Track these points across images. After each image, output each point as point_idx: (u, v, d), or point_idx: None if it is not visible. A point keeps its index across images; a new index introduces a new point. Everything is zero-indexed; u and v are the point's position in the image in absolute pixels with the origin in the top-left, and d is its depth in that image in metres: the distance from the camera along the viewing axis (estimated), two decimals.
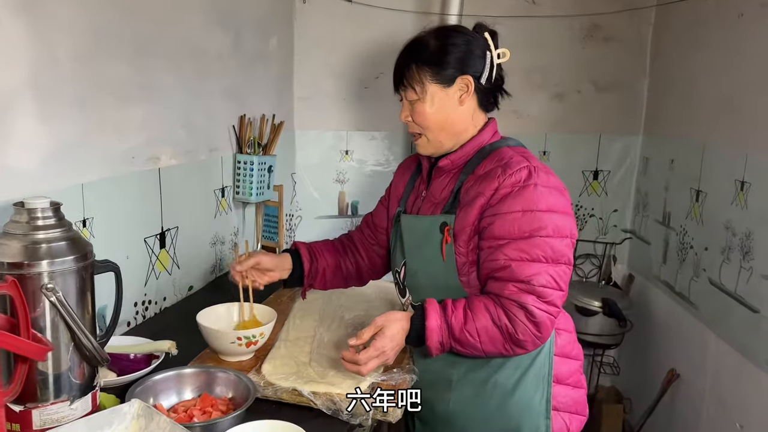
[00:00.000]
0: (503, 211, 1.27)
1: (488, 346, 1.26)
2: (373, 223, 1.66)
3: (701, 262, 2.38)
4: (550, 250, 1.25)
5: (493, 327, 1.25)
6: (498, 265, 1.27)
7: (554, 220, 1.26)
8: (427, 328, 1.26)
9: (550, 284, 1.25)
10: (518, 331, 1.24)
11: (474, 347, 1.27)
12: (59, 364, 1.11)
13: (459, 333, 1.26)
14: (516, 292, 1.24)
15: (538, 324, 1.24)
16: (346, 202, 2.85)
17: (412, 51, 1.38)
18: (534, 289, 1.24)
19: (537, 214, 1.26)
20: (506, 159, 1.32)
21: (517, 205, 1.26)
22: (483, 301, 1.27)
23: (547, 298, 1.24)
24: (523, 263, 1.25)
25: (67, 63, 1.40)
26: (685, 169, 2.56)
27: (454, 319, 1.26)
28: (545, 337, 1.27)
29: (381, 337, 1.26)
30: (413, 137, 1.44)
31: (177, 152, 1.85)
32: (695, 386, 2.40)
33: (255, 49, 2.30)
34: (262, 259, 1.54)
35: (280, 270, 1.57)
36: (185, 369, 1.29)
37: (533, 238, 1.25)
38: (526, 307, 1.23)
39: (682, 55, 2.61)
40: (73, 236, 1.12)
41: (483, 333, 1.25)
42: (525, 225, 1.26)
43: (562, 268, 1.27)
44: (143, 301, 1.74)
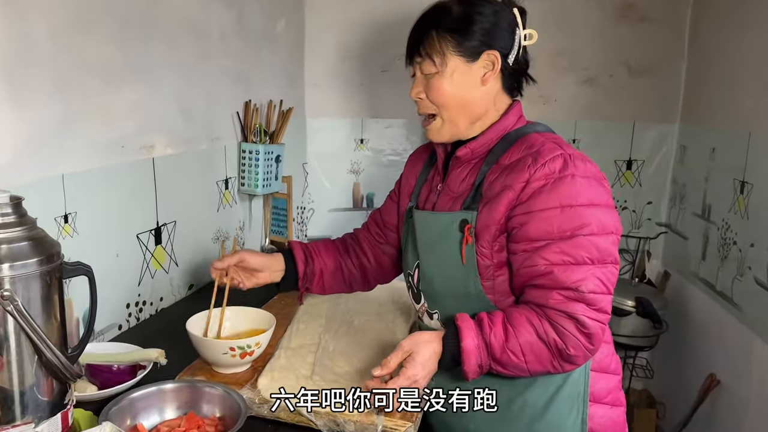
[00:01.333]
0: (538, 207, 1.10)
1: (534, 365, 1.10)
2: (381, 220, 1.49)
3: (746, 260, 2.18)
4: (596, 249, 1.08)
5: (539, 343, 1.08)
6: (538, 272, 1.10)
7: (597, 215, 1.09)
8: (463, 350, 1.08)
9: (599, 289, 1.08)
10: (569, 346, 1.07)
11: (518, 367, 1.10)
12: (23, 381, 0.98)
13: (500, 353, 1.09)
14: (563, 301, 1.07)
15: (591, 336, 1.07)
16: (360, 194, 2.70)
17: (433, 17, 1.20)
18: (583, 297, 1.07)
19: (577, 210, 1.08)
20: (537, 146, 1.15)
21: (554, 200, 1.09)
22: (524, 314, 1.10)
23: (598, 305, 1.07)
24: (567, 267, 1.08)
25: (45, 41, 1.26)
26: (728, 158, 2.35)
27: (494, 336, 1.09)
28: (596, 349, 1.10)
29: (411, 364, 1.09)
30: (423, 120, 1.26)
31: (174, 140, 1.71)
32: (738, 394, 2.21)
33: (261, 29, 2.15)
34: (247, 257, 1.38)
35: (270, 271, 1.41)
36: (167, 384, 1.15)
37: (576, 238, 1.08)
38: (576, 317, 1.07)
39: (725, 37, 2.40)
40: (36, 235, 0.99)
41: (528, 351, 1.08)
42: (565, 223, 1.08)
43: (609, 268, 1.10)
44: (136, 302, 1.61)
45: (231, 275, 1.37)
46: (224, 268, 1.37)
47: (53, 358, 0.98)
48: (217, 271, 1.37)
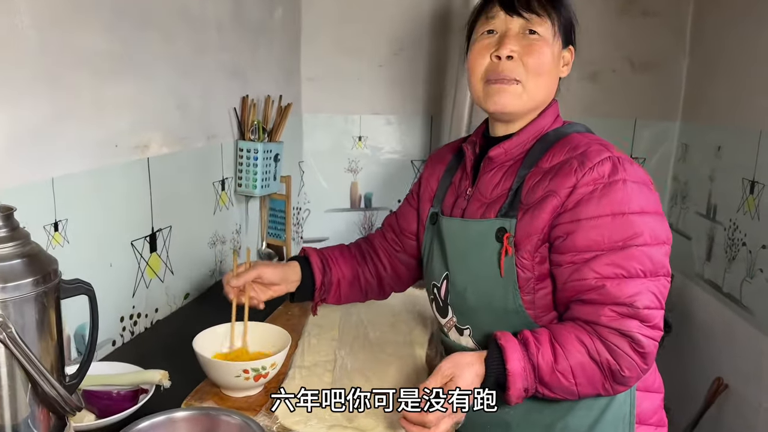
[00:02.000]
0: (586, 215, 1.01)
1: (585, 387, 1.01)
2: (398, 226, 1.39)
3: (757, 262, 2.13)
4: (649, 261, 1.00)
5: (591, 364, 0.99)
6: (587, 285, 1.01)
7: (649, 223, 1.01)
8: (509, 373, 0.99)
9: (653, 304, 0.99)
10: (623, 367, 0.98)
11: (567, 390, 1.01)
12: (16, 414, 0.86)
13: (549, 376, 0.99)
14: (616, 318, 0.99)
15: (646, 355, 0.99)
16: (358, 194, 2.61)
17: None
18: (638, 313, 0.98)
19: (629, 218, 1.00)
20: (582, 148, 1.06)
21: (604, 207, 1.01)
22: (573, 332, 1.01)
23: (652, 321, 0.99)
24: (620, 281, 0.99)
25: (31, 33, 1.13)
26: (736, 157, 2.30)
27: (541, 357, 0.99)
28: (649, 369, 1.02)
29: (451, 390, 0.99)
30: (497, 81, 1.10)
31: (169, 139, 1.59)
32: (747, 399, 2.17)
33: (258, 21, 2.03)
34: (265, 271, 1.27)
35: (286, 283, 1.31)
36: (178, 412, 1.03)
37: (628, 249, 0.99)
38: (630, 335, 0.98)
39: (730, 33, 2.35)
40: (31, 251, 0.86)
41: (579, 373, 0.99)
42: (616, 232, 1.00)
43: (662, 281, 1.01)
44: (131, 314, 1.49)
45: (249, 294, 1.25)
46: (240, 286, 1.25)
47: (50, 390, 0.87)
48: (234, 290, 1.25)
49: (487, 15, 1.14)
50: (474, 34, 1.17)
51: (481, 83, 1.13)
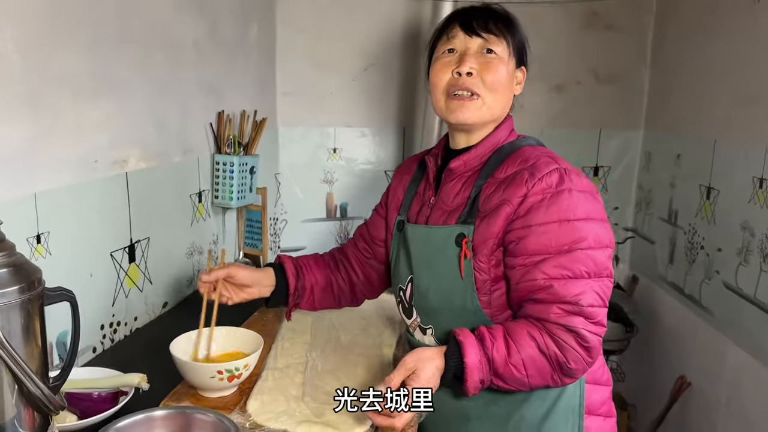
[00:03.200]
0: (536, 222, 1.10)
1: (535, 379, 1.09)
2: (368, 235, 1.46)
3: (714, 264, 2.23)
4: (593, 263, 1.09)
5: (541, 357, 1.08)
6: (537, 286, 1.09)
7: (594, 228, 1.10)
8: (466, 366, 1.07)
9: (597, 302, 1.08)
10: (569, 360, 1.07)
11: (519, 382, 1.09)
12: (3, 414, 0.92)
13: (503, 368, 1.08)
14: (563, 315, 1.07)
15: (590, 349, 1.08)
16: (334, 204, 2.67)
17: (513, 17, 1.26)
18: (583, 311, 1.07)
19: (575, 224, 1.09)
20: (532, 160, 1.15)
21: (552, 214, 1.09)
22: (525, 328, 1.09)
23: (596, 318, 1.08)
24: (566, 281, 1.08)
25: (13, 55, 1.19)
26: (693, 164, 2.41)
27: (496, 351, 1.07)
28: (594, 362, 1.10)
29: (416, 381, 1.06)
30: (457, 97, 1.20)
31: (147, 154, 1.65)
32: (709, 395, 2.26)
33: (233, 38, 2.10)
34: (237, 272, 1.33)
35: (259, 286, 1.37)
36: (156, 411, 1.09)
37: (573, 252, 1.08)
38: (576, 330, 1.07)
39: (689, 45, 2.46)
40: (16, 261, 0.93)
41: (530, 365, 1.08)
42: (563, 237, 1.09)
43: (605, 281, 1.11)
44: (111, 323, 1.54)
45: (219, 291, 1.32)
46: (212, 282, 1.32)
47: (36, 391, 0.93)
48: (205, 285, 1.32)
49: (448, 35, 1.24)
50: (436, 52, 1.26)
51: (444, 97, 1.22)
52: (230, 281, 1.34)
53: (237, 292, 1.35)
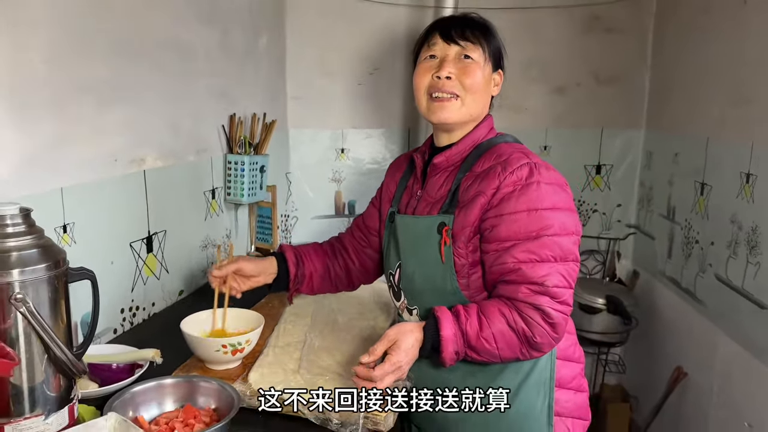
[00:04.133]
0: (507, 211, 1.22)
1: (505, 351, 1.21)
2: (364, 225, 1.59)
3: (707, 257, 2.31)
4: (558, 248, 1.20)
5: (510, 331, 1.19)
6: (507, 268, 1.21)
7: (560, 217, 1.21)
8: (442, 338, 1.19)
9: (562, 283, 1.19)
10: (536, 334, 1.19)
11: (491, 354, 1.21)
12: (33, 377, 1.06)
13: (475, 341, 1.20)
14: (530, 294, 1.19)
15: (555, 325, 1.19)
16: (342, 202, 2.80)
17: (489, 24, 1.37)
18: (547, 290, 1.19)
19: (542, 213, 1.20)
20: (505, 156, 1.27)
21: (522, 204, 1.21)
22: (496, 305, 1.21)
23: (561, 297, 1.19)
24: (533, 264, 1.19)
25: (41, 64, 1.34)
26: (689, 162, 2.49)
27: (469, 326, 1.19)
28: (560, 338, 1.22)
29: (396, 351, 1.18)
30: (438, 99, 1.32)
31: (163, 154, 1.80)
32: (703, 385, 2.33)
33: (244, 47, 2.24)
34: (244, 265, 1.48)
35: (264, 275, 1.51)
36: (166, 379, 1.23)
37: (541, 238, 1.20)
38: (542, 308, 1.18)
39: (686, 46, 2.54)
40: (44, 243, 1.07)
41: (500, 338, 1.19)
42: (531, 225, 1.20)
43: (571, 265, 1.22)
44: (130, 307, 1.69)
45: (229, 284, 1.46)
46: (222, 276, 1.46)
47: (62, 356, 1.07)
48: (216, 279, 1.46)
49: (429, 43, 1.36)
50: (419, 58, 1.39)
51: (425, 98, 1.35)
52: (238, 273, 1.48)
53: (245, 282, 1.49)
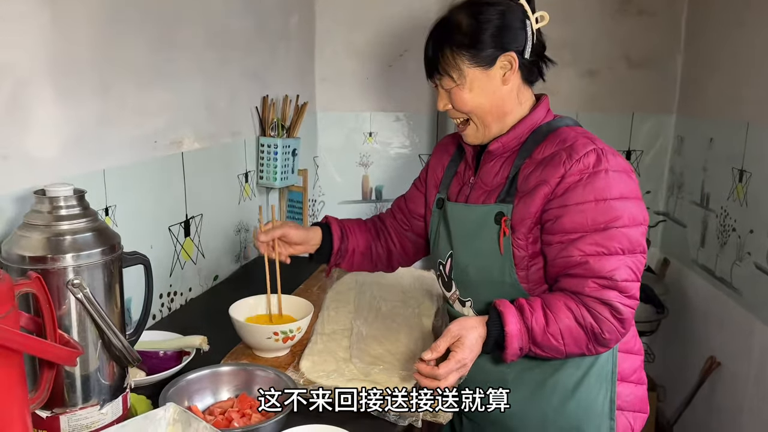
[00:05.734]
0: (573, 201, 1.16)
1: (571, 347, 1.16)
2: (407, 208, 1.54)
3: (746, 246, 2.26)
4: (627, 240, 1.15)
5: (578, 327, 1.15)
6: (573, 261, 1.16)
7: (628, 207, 1.15)
8: (507, 334, 1.14)
9: (630, 277, 1.14)
10: (605, 330, 1.14)
11: (556, 350, 1.17)
12: (87, 366, 1.03)
13: (541, 337, 1.15)
14: (598, 289, 1.14)
15: (623, 321, 1.15)
16: (369, 187, 2.75)
17: (443, 33, 1.24)
18: (616, 285, 1.14)
19: (610, 203, 1.15)
20: (570, 141, 1.20)
21: (589, 194, 1.15)
22: (562, 300, 1.16)
23: (629, 291, 1.14)
24: (601, 258, 1.14)
25: (86, 45, 1.31)
26: (726, 148, 2.44)
27: (535, 321, 1.15)
28: (627, 332, 1.18)
29: (460, 348, 1.14)
30: (458, 127, 1.31)
31: (200, 136, 1.76)
32: (738, 375, 2.30)
33: (276, 29, 2.20)
34: (290, 231, 1.41)
35: (307, 245, 1.45)
36: (221, 367, 1.20)
37: (609, 230, 1.14)
38: (611, 303, 1.13)
39: (722, 31, 2.47)
40: (99, 227, 1.04)
41: (567, 334, 1.15)
42: (599, 216, 1.15)
43: (639, 257, 1.16)
44: (168, 292, 1.66)
45: (278, 250, 1.40)
46: (270, 241, 1.40)
47: (117, 343, 1.03)
48: (263, 245, 1.40)
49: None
50: None
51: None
52: (283, 239, 1.42)
53: (287, 249, 1.43)
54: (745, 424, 2.23)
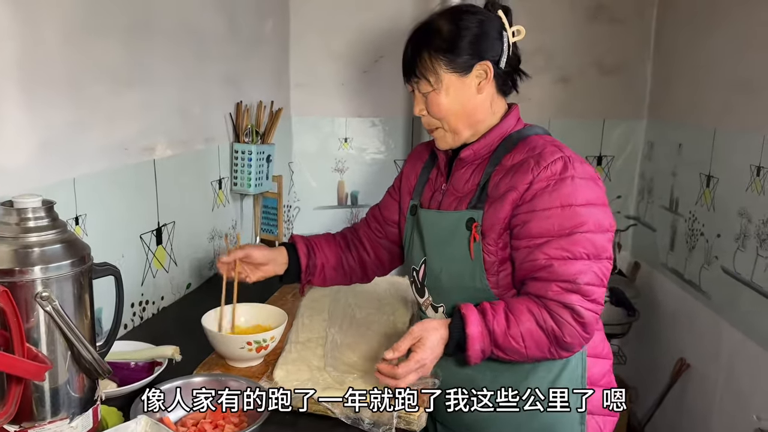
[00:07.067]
0: (540, 207, 1.18)
1: (533, 350, 1.18)
2: (381, 216, 1.55)
3: (713, 250, 2.32)
4: (592, 246, 1.17)
5: (538, 330, 1.17)
6: (539, 265, 1.18)
7: (594, 213, 1.18)
8: (468, 336, 1.16)
9: (594, 281, 1.17)
10: (565, 334, 1.16)
11: (518, 353, 1.18)
12: (56, 379, 1.01)
13: (502, 339, 1.17)
14: (561, 292, 1.16)
15: (585, 324, 1.17)
16: (345, 192, 2.75)
17: (422, 38, 1.26)
18: (579, 288, 1.16)
19: (576, 209, 1.17)
20: (539, 149, 1.23)
21: (555, 200, 1.18)
22: (525, 303, 1.18)
23: (592, 296, 1.17)
24: (566, 261, 1.16)
25: (55, 46, 1.28)
26: (694, 153, 2.49)
27: (496, 324, 1.17)
28: (590, 337, 1.19)
29: (421, 348, 1.16)
30: (429, 131, 1.33)
31: (172, 142, 1.74)
32: (707, 376, 2.35)
33: (251, 32, 2.18)
34: (253, 252, 1.42)
35: (274, 264, 1.46)
36: (193, 378, 1.19)
37: (574, 235, 1.17)
38: (572, 307, 1.15)
39: (690, 37, 2.53)
40: (68, 238, 1.02)
41: (528, 337, 1.17)
42: (565, 221, 1.17)
43: (604, 263, 1.19)
44: (140, 301, 1.64)
45: (238, 269, 1.40)
46: (231, 262, 1.41)
47: (87, 355, 1.02)
48: (225, 266, 1.41)
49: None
50: None
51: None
52: (247, 261, 1.43)
53: (254, 271, 1.44)
54: (714, 425, 2.28)
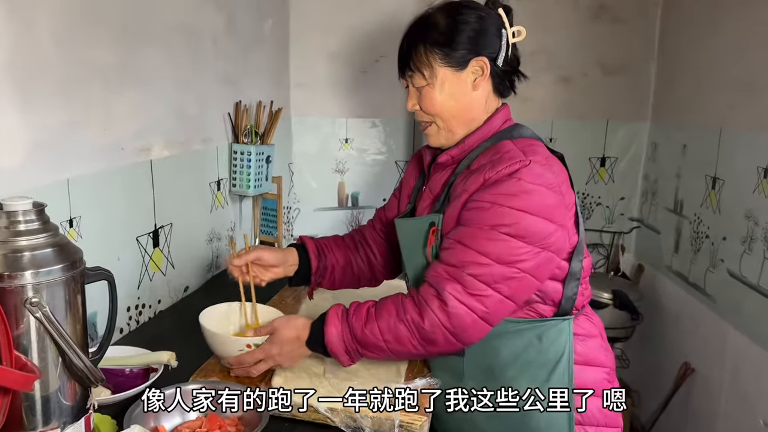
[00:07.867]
0: (475, 199, 1.15)
1: (394, 344, 1.14)
2: (385, 217, 1.52)
3: (719, 253, 2.28)
4: (506, 249, 1.10)
5: (398, 322, 1.12)
6: (444, 246, 1.16)
7: (527, 221, 1.10)
8: (326, 334, 1.16)
9: (486, 280, 1.10)
10: (425, 320, 1.10)
11: (379, 348, 1.15)
12: (47, 387, 0.98)
13: (360, 334, 1.15)
14: (441, 276, 1.12)
15: (450, 315, 1.09)
16: (345, 193, 2.72)
17: (419, 31, 1.24)
18: (462, 277, 1.10)
19: (506, 210, 1.11)
20: (501, 153, 1.17)
21: (489, 196, 1.13)
22: (391, 298, 1.17)
23: (476, 291, 1.09)
24: (466, 250, 1.11)
25: (49, 44, 1.25)
26: (699, 155, 2.45)
27: (356, 320, 1.15)
28: (462, 336, 1.12)
29: (271, 341, 1.21)
30: (422, 127, 1.30)
31: (169, 142, 1.71)
32: (712, 381, 2.31)
33: (250, 32, 2.15)
34: (263, 254, 1.39)
35: (284, 266, 1.43)
36: (188, 385, 1.16)
37: (491, 232, 1.11)
38: (441, 293, 1.10)
39: (694, 37, 2.50)
40: (60, 242, 0.99)
41: (386, 331, 1.13)
42: (490, 217, 1.11)
43: (511, 270, 1.10)
44: (137, 305, 1.60)
45: (252, 272, 1.38)
46: (243, 265, 1.38)
47: (79, 363, 0.98)
48: (237, 269, 1.38)
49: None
50: None
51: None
52: (258, 263, 1.40)
53: (264, 273, 1.41)
54: (720, 430, 2.24)
